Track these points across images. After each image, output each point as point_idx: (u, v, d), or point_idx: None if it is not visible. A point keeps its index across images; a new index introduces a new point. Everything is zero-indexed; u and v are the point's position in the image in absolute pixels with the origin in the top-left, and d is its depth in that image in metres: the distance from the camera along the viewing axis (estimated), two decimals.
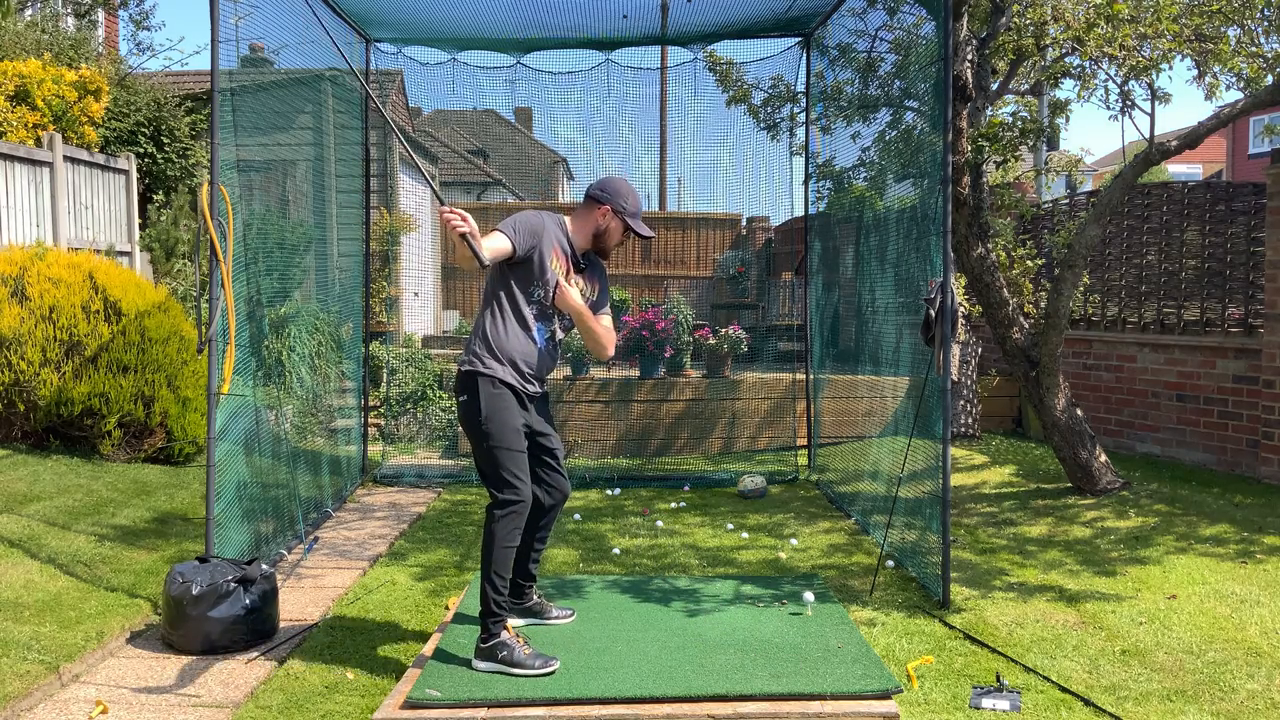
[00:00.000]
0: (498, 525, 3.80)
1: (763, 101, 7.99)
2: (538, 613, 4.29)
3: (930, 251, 5.14)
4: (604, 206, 4.02)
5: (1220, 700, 3.71)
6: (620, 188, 4.05)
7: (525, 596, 4.28)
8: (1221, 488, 6.88)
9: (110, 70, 10.91)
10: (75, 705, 3.65)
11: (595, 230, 4.04)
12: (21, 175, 8.25)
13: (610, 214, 4.02)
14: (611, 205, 4.02)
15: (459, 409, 3.96)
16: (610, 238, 4.06)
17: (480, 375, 3.86)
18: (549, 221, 3.97)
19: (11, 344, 6.59)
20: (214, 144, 4.73)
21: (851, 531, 6.28)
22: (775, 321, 11.37)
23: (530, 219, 3.90)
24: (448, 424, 9.38)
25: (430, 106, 8.74)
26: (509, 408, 3.86)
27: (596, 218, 4.03)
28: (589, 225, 4.04)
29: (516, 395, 3.90)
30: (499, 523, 3.80)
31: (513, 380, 3.89)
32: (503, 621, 3.84)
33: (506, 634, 3.83)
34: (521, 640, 3.85)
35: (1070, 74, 6.49)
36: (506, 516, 3.80)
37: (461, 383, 3.92)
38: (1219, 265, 7.51)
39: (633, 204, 4.04)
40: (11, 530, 5.24)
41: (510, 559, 3.85)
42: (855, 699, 3.56)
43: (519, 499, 3.82)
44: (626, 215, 4.03)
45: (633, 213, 4.04)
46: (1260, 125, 22.09)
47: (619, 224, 4.04)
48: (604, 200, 4.02)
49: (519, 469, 3.84)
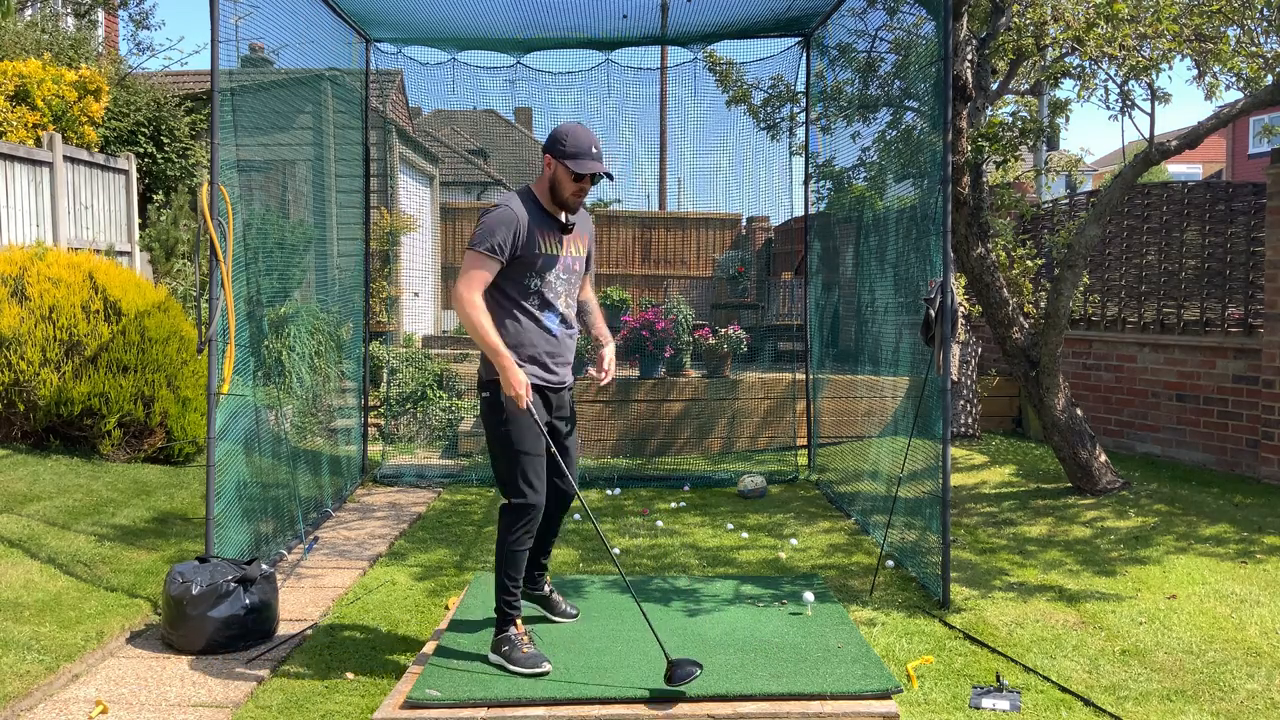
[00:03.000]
0: (508, 529, 3.81)
1: (763, 101, 7.99)
2: (547, 604, 4.30)
3: (930, 251, 5.14)
4: (546, 158, 3.80)
5: (1220, 700, 3.71)
6: (560, 131, 3.77)
7: (537, 584, 4.29)
8: (1221, 488, 6.88)
9: (110, 70, 10.91)
10: (75, 705, 3.65)
11: (550, 185, 3.82)
12: (21, 175, 8.24)
13: (551, 162, 3.78)
14: (550, 152, 3.77)
15: (481, 405, 3.91)
16: (563, 187, 3.79)
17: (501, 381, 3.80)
18: (517, 205, 3.78)
19: (11, 344, 6.58)
20: (214, 144, 4.72)
21: (851, 531, 6.28)
22: (775, 321, 11.37)
23: (505, 216, 3.74)
24: (447, 424, 9.38)
25: (430, 106, 8.74)
26: (533, 409, 3.81)
27: (545, 172, 3.84)
28: (544, 182, 3.84)
29: (542, 393, 3.88)
30: (510, 527, 3.81)
31: (538, 380, 3.85)
32: (512, 619, 3.85)
33: (514, 630, 3.84)
34: (527, 639, 3.86)
35: (1070, 74, 6.49)
36: (517, 521, 3.80)
37: (483, 384, 3.89)
38: (1219, 265, 7.51)
39: (572, 144, 3.73)
40: (11, 530, 5.24)
41: (522, 561, 3.86)
42: (855, 699, 3.56)
43: (531, 504, 3.81)
44: (565, 158, 3.73)
45: (572, 153, 3.72)
46: (1260, 125, 22.10)
47: (563, 169, 3.76)
48: (545, 150, 3.80)
49: (536, 474, 3.81)
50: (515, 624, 3.86)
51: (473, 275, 3.71)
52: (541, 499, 3.84)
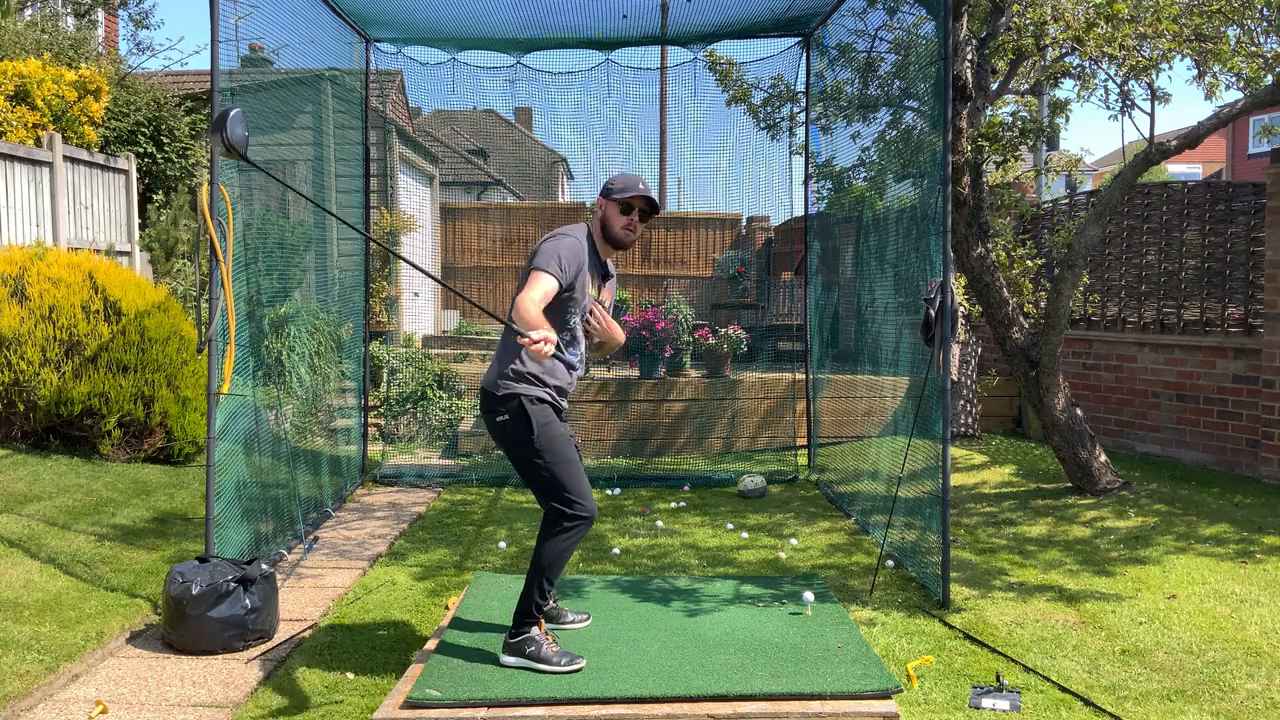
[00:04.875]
0: (563, 537, 3.79)
1: (763, 101, 7.99)
2: (554, 617, 4.29)
3: (930, 251, 5.14)
4: (599, 200, 4.02)
5: (1220, 700, 3.71)
6: (610, 178, 4.02)
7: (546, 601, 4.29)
8: (1221, 488, 6.89)
9: (110, 70, 10.91)
10: (75, 705, 3.65)
11: (601, 225, 3.99)
12: (21, 175, 8.24)
13: (602, 203, 3.99)
14: (602, 195, 4.00)
15: (498, 428, 3.87)
16: (612, 223, 3.96)
17: (524, 397, 3.81)
18: (582, 238, 3.92)
19: (11, 344, 6.58)
20: (214, 144, 4.72)
21: (851, 531, 6.28)
22: (775, 321, 11.38)
23: (573, 247, 3.83)
24: (447, 424, 9.38)
25: (430, 106, 8.74)
26: (553, 419, 3.86)
27: (597, 213, 4.02)
28: (597, 223, 4.01)
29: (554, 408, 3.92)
30: (565, 535, 3.79)
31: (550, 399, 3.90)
32: (536, 620, 3.85)
33: (537, 631, 3.84)
34: (550, 638, 3.86)
35: (1070, 74, 6.49)
36: (574, 530, 3.80)
37: (501, 403, 3.84)
38: (1219, 265, 7.51)
39: (620, 184, 3.96)
40: (11, 530, 5.24)
41: (563, 566, 3.86)
42: (855, 699, 3.56)
43: (587, 514, 3.81)
44: (614, 194, 3.94)
45: (620, 189, 3.94)
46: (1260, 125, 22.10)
47: (612, 205, 3.96)
48: (600, 196, 4.02)
49: (581, 482, 3.83)
50: (538, 624, 3.87)
51: (538, 288, 3.69)
52: (593, 505, 3.85)
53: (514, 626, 3.86)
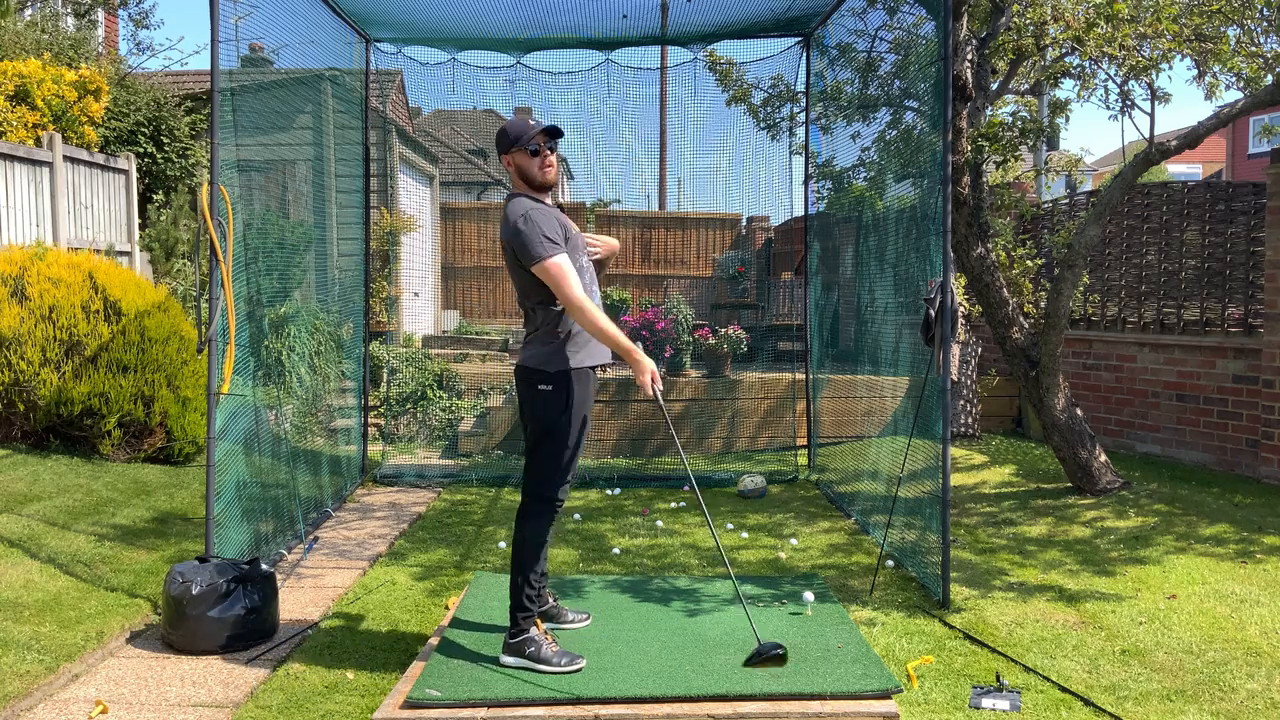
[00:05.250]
0: (536, 522, 3.82)
1: (763, 101, 8.00)
2: (554, 617, 4.28)
3: (930, 251, 5.14)
4: (504, 160, 3.89)
5: (1220, 700, 3.71)
6: (499, 134, 3.88)
7: (541, 598, 4.28)
8: (1221, 488, 6.88)
9: (110, 70, 10.91)
10: (75, 705, 3.65)
11: (523, 180, 3.86)
12: (21, 175, 8.24)
13: (509, 160, 3.86)
14: (503, 155, 3.88)
15: (535, 398, 3.82)
16: (531, 172, 3.82)
17: (573, 370, 3.80)
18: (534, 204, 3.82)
19: (11, 344, 6.58)
20: (214, 144, 4.73)
21: (851, 531, 6.28)
22: (775, 321, 11.38)
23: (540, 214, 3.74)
24: (447, 424, 9.38)
25: (430, 106, 8.73)
26: (587, 401, 3.85)
27: (512, 174, 3.88)
28: (518, 183, 3.88)
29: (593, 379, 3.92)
30: (538, 520, 3.82)
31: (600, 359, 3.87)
32: (532, 617, 3.85)
33: (535, 630, 3.84)
34: (550, 638, 3.85)
35: (1070, 74, 6.49)
36: (546, 515, 3.83)
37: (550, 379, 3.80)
38: (1219, 265, 7.51)
39: (514, 131, 3.83)
40: (11, 530, 5.24)
41: (543, 555, 3.87)
42: (855, 699, 3.57)
43: (561, 501, 3.86)
44: (517, 145, 3.82)
45: (517, 136, 3.82)
46: (1260, 125, 22.10)
47: (520, 154, 3.82)
48: (504, 155, 3.89)
49: (572, 472, 3.86)
50: (536, 623, 3.86)
51: (565, 276, 3.67)
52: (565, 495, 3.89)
53: (511, 625, 3.86)
